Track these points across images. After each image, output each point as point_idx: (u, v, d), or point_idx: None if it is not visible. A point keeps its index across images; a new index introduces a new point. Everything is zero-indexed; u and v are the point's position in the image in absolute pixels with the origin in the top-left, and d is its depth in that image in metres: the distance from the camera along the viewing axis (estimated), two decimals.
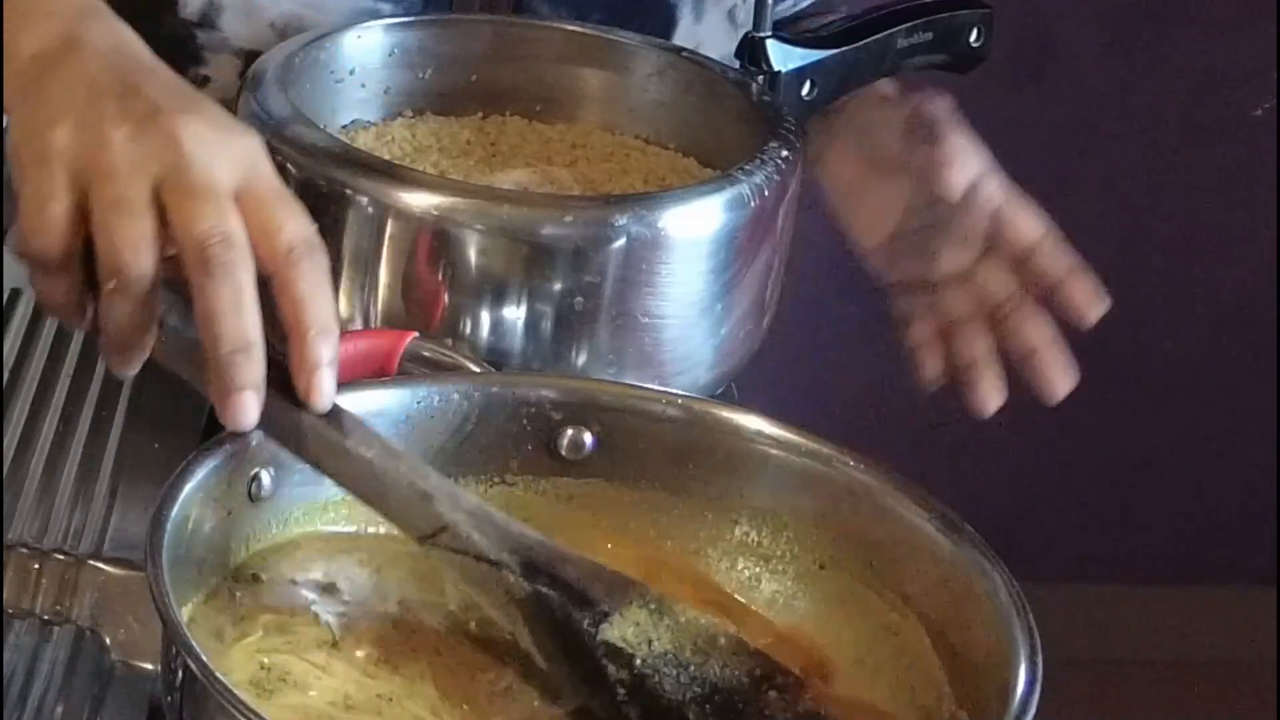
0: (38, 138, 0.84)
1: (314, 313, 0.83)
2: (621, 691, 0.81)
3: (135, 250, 0.82)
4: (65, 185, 0.83)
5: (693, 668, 0.82)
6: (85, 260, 0.84)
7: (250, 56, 1.20)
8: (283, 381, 0.82)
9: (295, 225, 0.84)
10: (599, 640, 0.81)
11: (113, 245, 0.82)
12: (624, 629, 0.82)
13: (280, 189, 0.86)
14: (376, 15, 1.20)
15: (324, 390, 0.83)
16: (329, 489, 0.87)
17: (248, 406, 0.81)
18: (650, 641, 0.82)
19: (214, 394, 0.82)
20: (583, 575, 0.83)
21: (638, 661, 0.81)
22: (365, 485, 0.83)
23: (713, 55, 1.24)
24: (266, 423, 0.82)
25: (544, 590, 0.82)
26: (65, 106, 0.85)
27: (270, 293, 0.83)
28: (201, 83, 1.21)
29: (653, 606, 0.83)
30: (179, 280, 0.83)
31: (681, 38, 1.24)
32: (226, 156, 0.85)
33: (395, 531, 0.86)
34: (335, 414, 0.83)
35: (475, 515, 0.83)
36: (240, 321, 0.81)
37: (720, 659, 0.83)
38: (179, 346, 0.84)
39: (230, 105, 1.21)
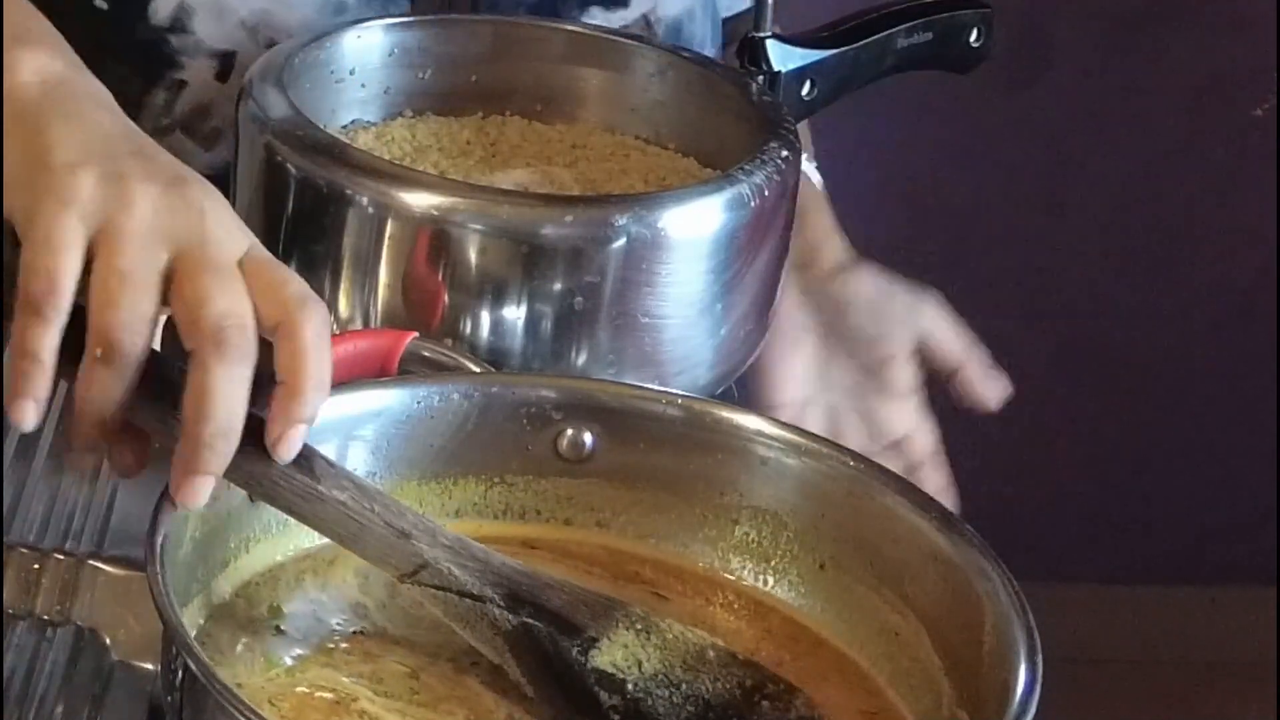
0: (55, 176, 0.81)
1: (315, 365, 0.80)
2: (616, 718, 0.80)
3: (137, 329, 0.79)
4: (82, 237, 0.80)
5: (684, 686, 0.81)
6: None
7: (224, 57, 1.20)
8: (249, 424, 0.80)
9: (299, 283, 0.82)
10: (590, 668, 0.81)
11: (115, 320, 0.79)
12: (613, 654, 0.81)
13: (273, 257, 0.84)
14: (343, 9, 1.20)
15: (294, 446, 0.80)
16: None
17: (205, 491, 0.79)
18: (640, 663, 0.81)
19: (178, 467, 0.79)
20: (567, 602, 0.82)
21: (630, 686, 0.81)
22: (340, 528, 0.81)
23: (672, 13, 1.24)
24: (234, 470, 0.80)
25: (530, 621, 0.81)
26: (83, 150, 0.82)
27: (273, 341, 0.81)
28: (178, 87, 1.21)
29: (639, 627, 0.82)
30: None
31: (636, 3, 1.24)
32: (237, 232, 0.83)
33: None
34: (305, 457, 0.81)
35: (454, 550, 0.82)
36: (233, 408, 0.78)
37: (711, 674, 0.82)
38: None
39: (208, 108, 1.21)
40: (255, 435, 0.80)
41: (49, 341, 0.80)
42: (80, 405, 0.81)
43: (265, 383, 0.80)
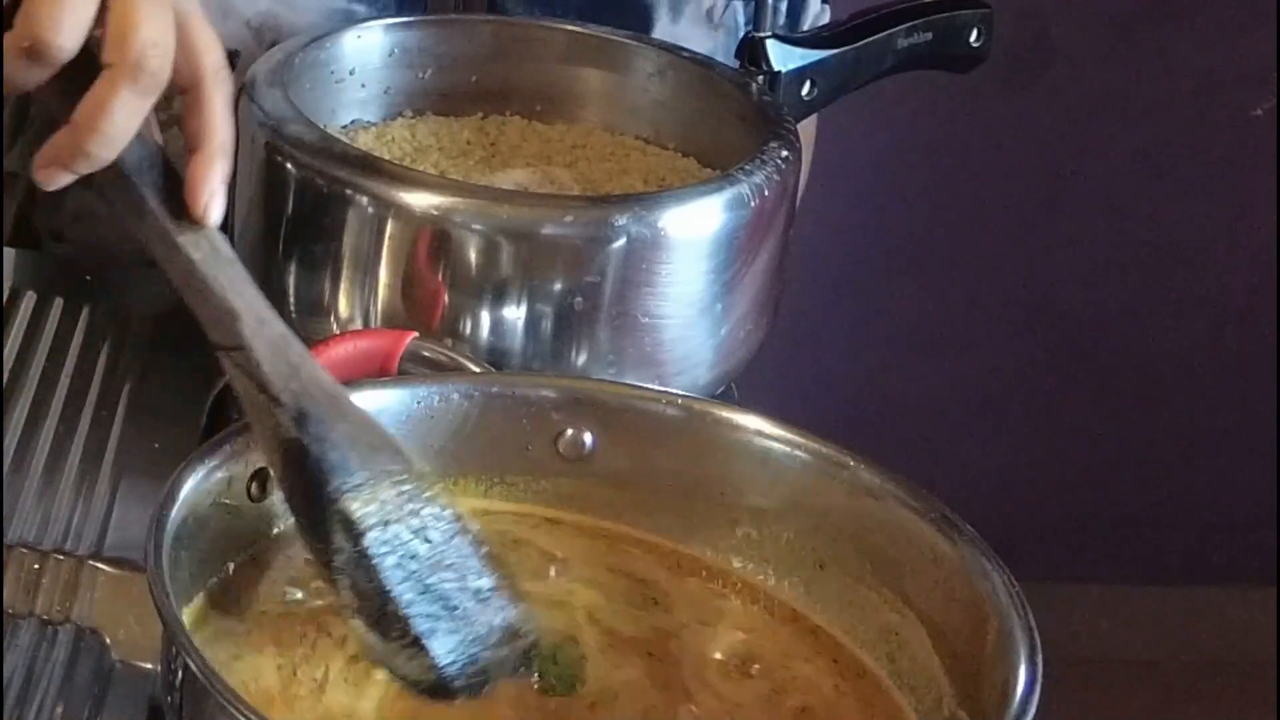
0: None
1: (226, 133, 0.86)
2: (339, 560, 0.81)
3: (68, 32, 0.82)
4: None
5: (412, 563, 0.82)
6: None
7: (227, 55, 1.20)
8: (144, 157, 0.84)
9: (219, 51, 0.87)
10: (337, 508, 0.81)
11: (49, 18, 0.81)
12: (367, 505, 0.82)
13: (203, 14, 0.87)
14: (351, 16, 1.20)
15: (218, 209, 0.85)
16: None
17: (63, 182, 0.84)
18: (387, 524, 0.82)
19: (50, 151, 0.84)
20: (350, 439, 0.83)
21: (364, 541, 0.81)
22: (180, 282, 0.85)
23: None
24: (113, 195, 0.85)
25: (305, 443, 0.82)
26: None
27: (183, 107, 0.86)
28: None
29: (407, 489, 0.83)
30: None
31: (658, 36, 1.24)
32: None
33: None
34: (179, 204, 0.85)
35: (275, 346, 0.84)
36: (122, 131, 0.83)
37: (447, 559, 0.82)
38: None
39: None
40: (148, 167, 0.84)
41: None
42: None
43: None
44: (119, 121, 0.83)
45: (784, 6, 1.31)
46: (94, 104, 0.82)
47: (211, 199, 0.85)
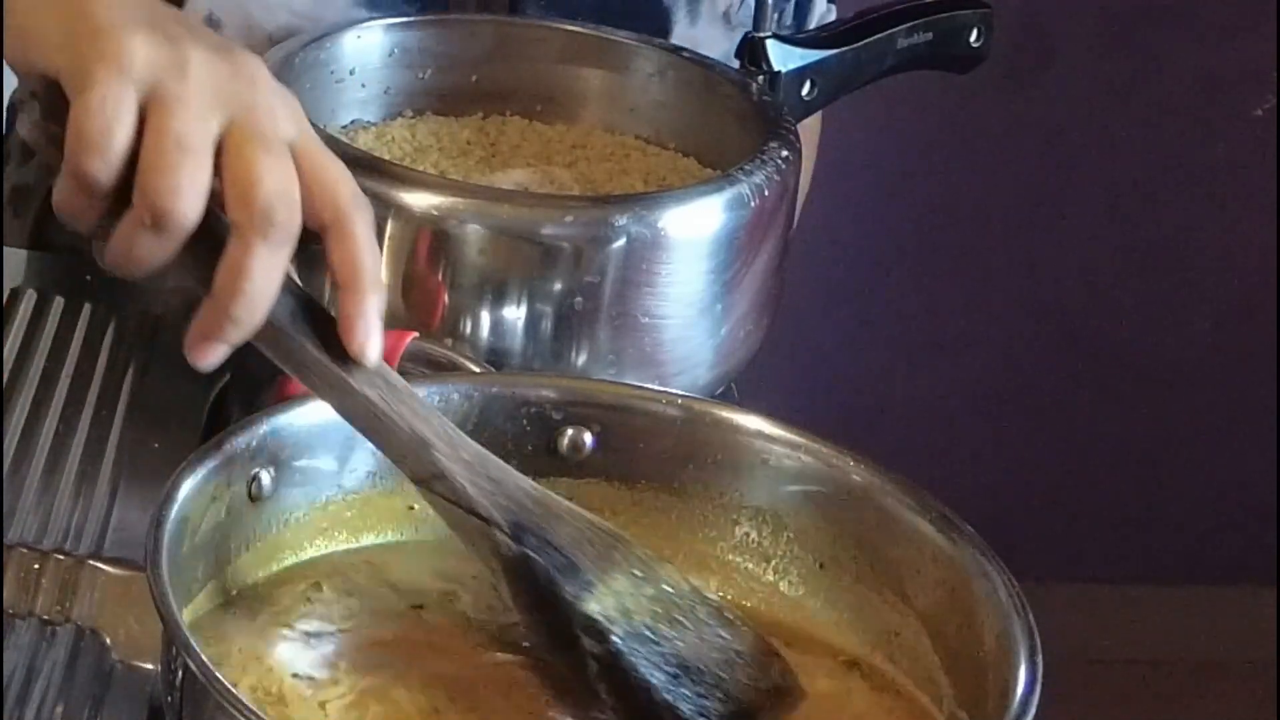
0: (106, 38, 0.79)
1: (372, 267, 0.81)
2: (594, 665, 0.80)
3: (190, 199, 0.78)
4: (135, 101, 0.79)
5: (665, 644, 0.81)
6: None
7: None
8: (294, 307, 0.81)
9: (349, 180, 0.83)
10: (579, 612, 0.80)
11: (168, 187, 0.78)
12: (605, 601, 0.81)
13: (325, 146, 0.84)
14: None
15: (377, 347, 0.81)
16: (329, 488, 0.87)
17: (218, 357, 0.80)
18: (629, 613, 0.81)
19: (199, 329, 0.80)
20: (572, 538, 0.81)
21: (613, 638, 0.80)
22: (364, 423, 0.82)
23: (709, 56, 1.24)
24: (271, 351, 0.81)
25: (531, 554, 0.81)
26: (127, 12, 0.80)
27: (323, 244, 0.82)
28: None
29: (638, 573, 0.82)
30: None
31: (677, 39, 1.24)
32: (289, 106, 0.83)
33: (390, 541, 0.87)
34: (343, 347, 0.82)
35: (472, 466, 0.82)
36: (267, 288, 0.79)
37: (696, 632, 0.82)
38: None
39: None
40: (301, 315, 0.81)
41: (94, 211, 0.80)
42: (114, 261, 0.80)
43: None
44: (259, 281, 0.79)
45: (790, 6, 1.31)
46: (231, 268, 0.79)
47: (368, 337, 0.81)
